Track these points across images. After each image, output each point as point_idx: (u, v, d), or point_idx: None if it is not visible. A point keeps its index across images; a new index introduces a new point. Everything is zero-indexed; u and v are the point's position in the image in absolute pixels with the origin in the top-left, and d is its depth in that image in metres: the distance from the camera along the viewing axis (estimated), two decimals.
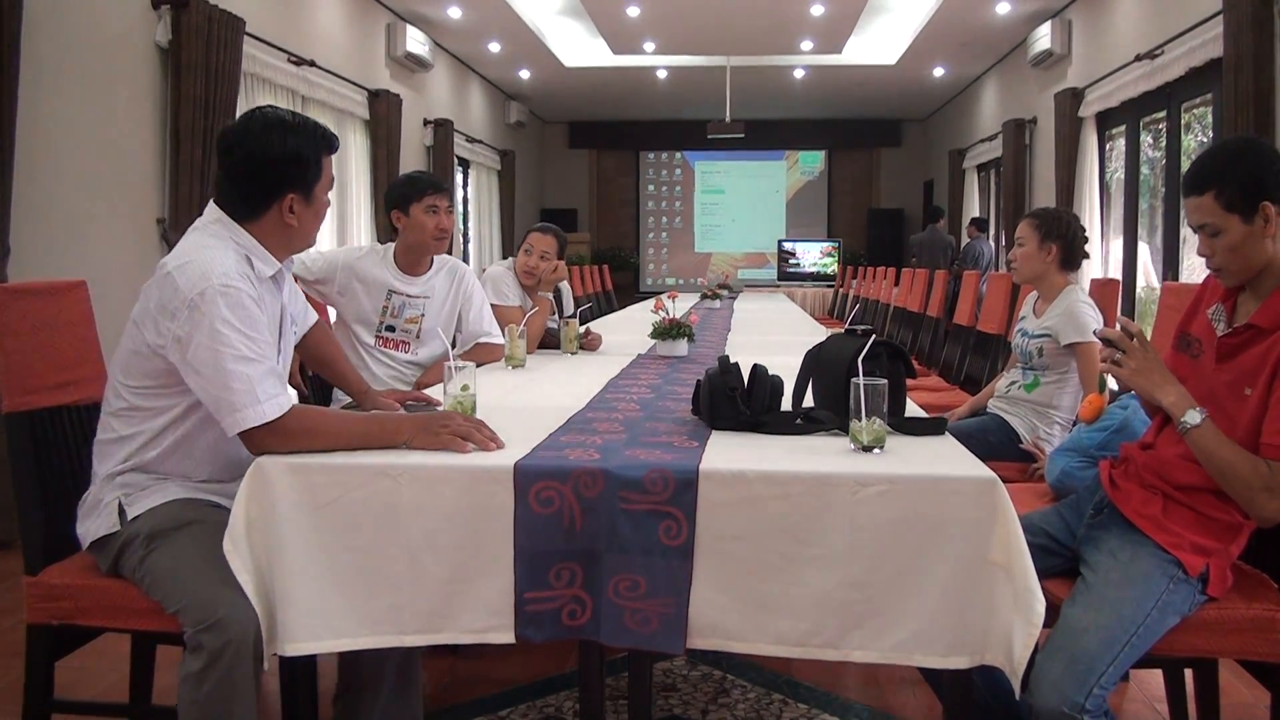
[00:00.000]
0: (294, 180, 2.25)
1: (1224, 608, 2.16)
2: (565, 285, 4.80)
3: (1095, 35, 9.22)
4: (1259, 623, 2.15)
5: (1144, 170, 8.60)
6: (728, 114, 13.89)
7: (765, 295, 11.69)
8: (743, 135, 14.22)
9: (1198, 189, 2.18)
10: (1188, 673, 2.64)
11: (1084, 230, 3.76)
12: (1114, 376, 2.25)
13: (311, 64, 8.00)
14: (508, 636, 1.97)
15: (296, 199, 2.26)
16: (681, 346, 3.82)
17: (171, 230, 5.90)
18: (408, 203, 3.47)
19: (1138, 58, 7.85)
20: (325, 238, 8.49)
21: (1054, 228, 3.70)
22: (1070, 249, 3.70)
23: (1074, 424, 3.47)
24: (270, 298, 2.29)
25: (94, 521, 2.25)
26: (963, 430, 3.57)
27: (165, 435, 2.25)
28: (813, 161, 18.70)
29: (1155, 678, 3.02)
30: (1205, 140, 7.60)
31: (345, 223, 8.93)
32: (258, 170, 2.23)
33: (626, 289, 16.44)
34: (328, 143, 2.31)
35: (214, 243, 2.20)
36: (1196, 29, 6.88)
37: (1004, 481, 1.91)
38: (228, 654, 1.96)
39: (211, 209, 2.28)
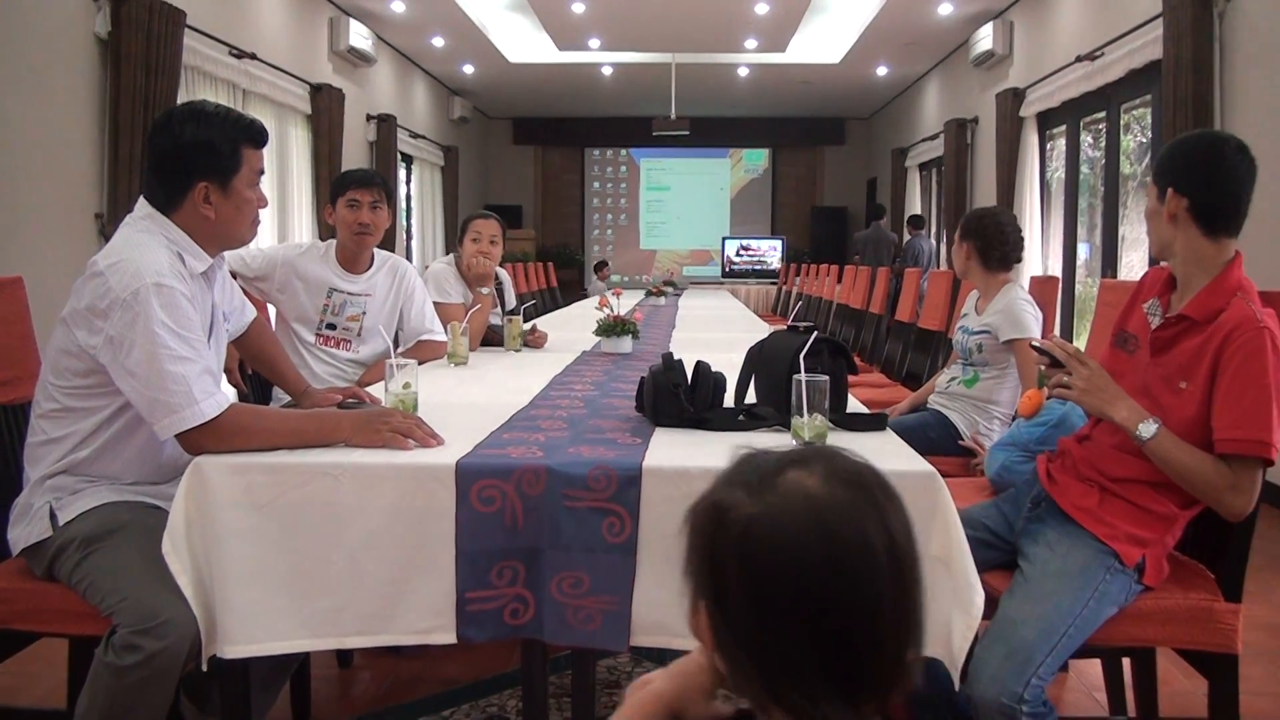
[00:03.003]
0: (205, 169, 2.21)
1: (1160, 597, 2.19)
2: (507, 279, 4.77)
3: (1036, 37, 9.34)
4: (1195, 612, 2.18)
5: (1084, 170, 8.72)
6: (673, 111, 13.91)
7: (710, 292, 11.73)
8: (688, 133, 14.23)
9: (1156, 154, 2.26)
10: (1126, 662, 2.69)
11: (1015, 231, 3.79)
12: (1063, 399, 2.28)
13: (253, 57, 7.91)
14: (449, 637, 1.95)
15: (211, 189, 2.22)
16: (626, 344, 3.82)
17: (110, 226, 5.81)
18: (334, 199, 3.46)
19: (1078, 59, 7.95)
20: (266, 234, 8.39)
21: (968, 226, 3.80)
22: (987, 248, 3.74)
23: (1013, 419, 3.51)
24: (202, 295, 2.26)
25: (25, 528, 2.21)
26: (903, 426, 3.60)
27: (95, 436, 2.21)
28: (757, 159, 18.79)
29: (1094, 667, 3.06)
30: (1144, 141, 7.71)
31: (286, 219, 8.84)
32: (170, 158, 2.21)
33: (572, 286, 16.42)
34: (249, 134, 2.27)
35: (145, 239, 2.16)
36: (1136, 31, 6.98)
37: (944, 476, 1.94)
38: (160, 659, 1.94)
39: (141, 203, 2.25)
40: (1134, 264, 7.61)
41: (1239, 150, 2.18)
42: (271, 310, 3.54)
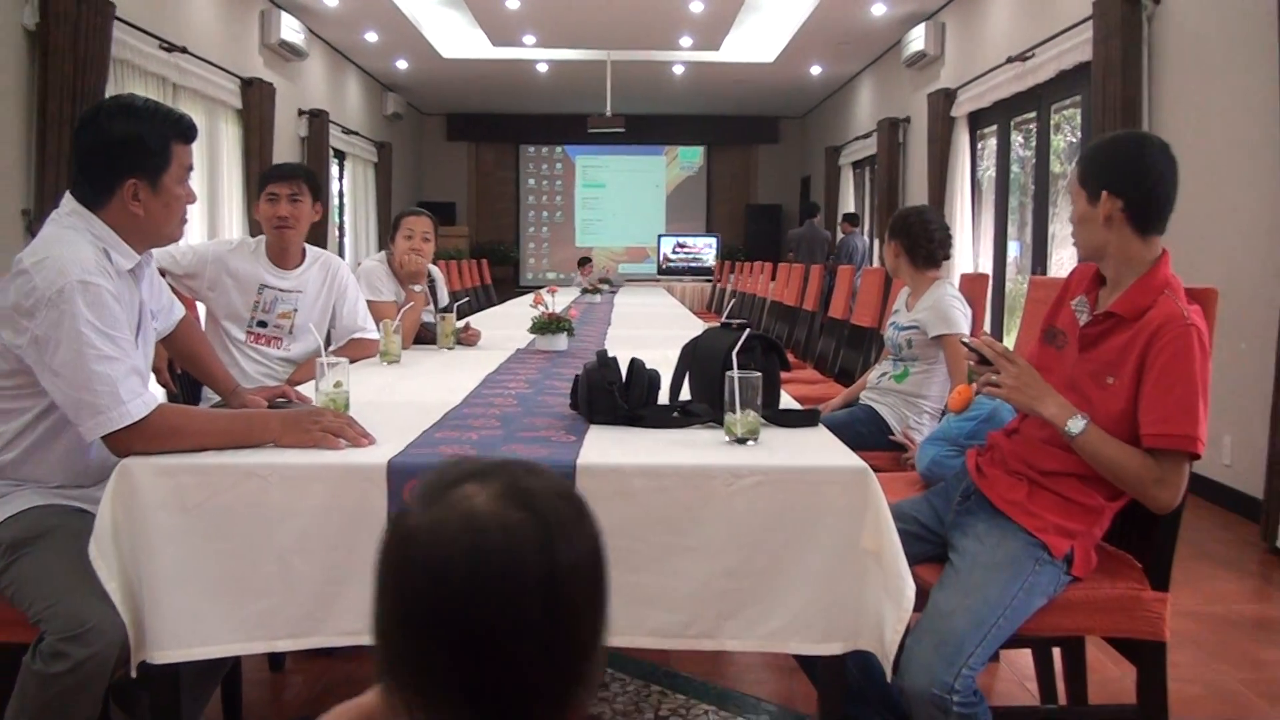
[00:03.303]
0: (135, 165, 2.17)
1: (1089, 588, 2.24)
2: (439, 276, 4.74)
3: (968, 38, 9.45)
4: (1123, 601, 2.23)
5: (1014, 169, 8.85)
6: (608, 109, 13.89)
7: (646, 290, 11.76)
8: (623, 130, 14.23)
9: (1078, 159, 2.29)
10: (1056, 651, 2.73)
11: (939, 229, 3.85)
12: (992, 396, 2.31)
13: (183, 51, 7.77)
14: None
15: (140, 185, 2.18)
16: (561, 341, 3.81)
17: (36, 222, 5.67)
18: (259, 193, 3.44)
19: (1009, 60, 8.05)
20: (196, 230, 8.26)
21: (895, 226, 3.88)
22: (914, 246, 3.81)
23: (943, 414, 3.56)
24: (129, 292, 2.22)
25: None
26: (835, 421, 3.63)
27: (22, 439, 2.17)
28: (692, 157, 18.84)
29: (1025, 657, 3.10)
30: (1074, 141, 7.84)
31: (216, 215, 8.68)
32: (99, 153, 2.17)
33: (506, 283, 16.34)
34: (179, 130, 2.23)
35: (70, 235, 2.12)
36: (1066, 33, 7.08)
37: (875, 471, 1.96)
38: (88, 666, 1.91)
39: (67, 198, 2.21)
40: (1064, 261, 7.73)
41: (1163, 148, 2.23)
42: (201, 309, 3.49)
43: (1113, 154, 2.26)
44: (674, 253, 17.07)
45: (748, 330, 2.30)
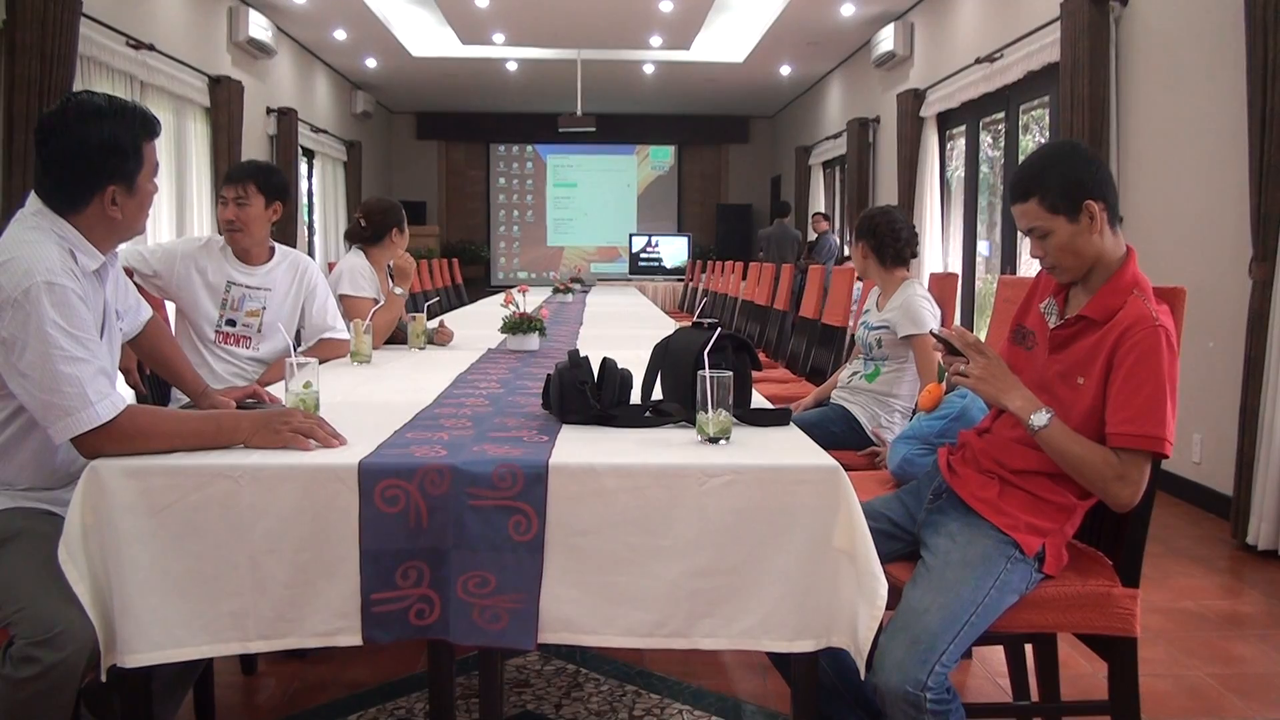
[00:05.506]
0: (114, 171, 2.14)
1: (1060, 585, 2.25)
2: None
3: (937, 38, 9.50)
4: (1094, 598, 2.24)
5: (983, 169, 8.90)
6: (579, 107, 13.88)
7: (617, 289, 11.76)
8: (594, 129, 14.22)
9: (1022, 196, 2.28)
10: (1028, 647, 2.75)
11: (906, 229, 3.87)
12: (961, 386, 2.32)
13: (150, 48, 7.70)
14: (355, 639, 1.93)
15: (119, 190, 2.16)
16: (532, 341, 3.80)
17: (2, 222, 5.59)
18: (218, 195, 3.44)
19: (978, 60, 8.10)
20: (164, 229, 8.20)
21: (862, 226, 3.92)
22: (881, 246, 3.83)
23: (914, 413, 3.58)
24: (94, 293, 2.20)
25: None
26: (807, 421, 3.64)
27: None
28: (663, 156, 18.87)
29: (997, 654, 3.13)
30: (1043, 141, 7.87)
31: (185, 214, 8.61)
32: (75, 161, 2.13)
33: (477, 283, 16.30)
34: (148, 129, 2.20)
35: (35, 236, 2.10)
36: (1035, 34, 7.12)
37: (847, 469, 1.97)
38: (58, 671, 1.89)
39: (33, 199, 2.18)
40: (1034, 261, 7.75)
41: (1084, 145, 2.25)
42: (171, 309, 3.47)
43: (1068, 166, 2.25)
44: (645, 252, 17.05)
45: (719, 330, 2.30)
